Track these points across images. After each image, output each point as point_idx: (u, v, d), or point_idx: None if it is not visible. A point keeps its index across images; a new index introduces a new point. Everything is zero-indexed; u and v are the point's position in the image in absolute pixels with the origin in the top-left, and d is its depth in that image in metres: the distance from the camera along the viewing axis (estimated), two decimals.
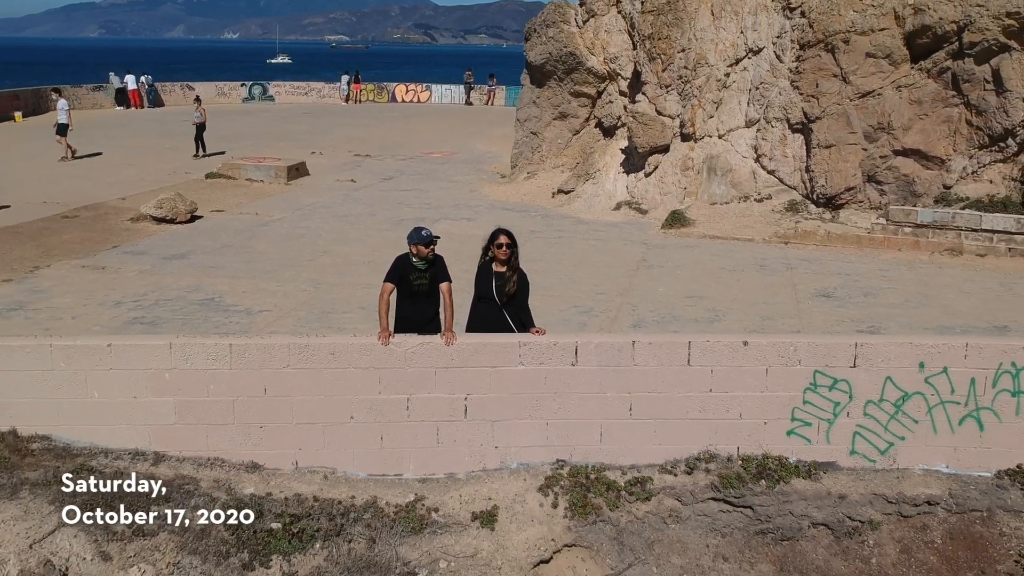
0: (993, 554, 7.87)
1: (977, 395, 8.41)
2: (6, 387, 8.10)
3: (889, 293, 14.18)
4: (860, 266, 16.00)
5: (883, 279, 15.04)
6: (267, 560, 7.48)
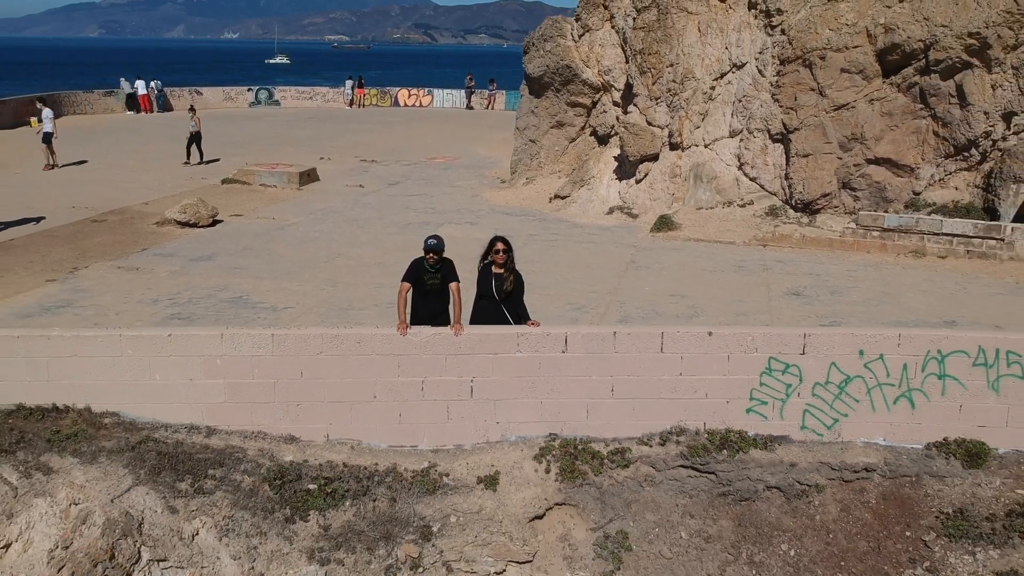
0: (918, 511, 9.30)
1: (909, 378, 9.83)
2: (82, 371, 9.55)
3: (854, 292, 15.61)
4: (830, 267, 17.43)
5: (850, 279, 16.47)
6: (306, 515, 8.92)
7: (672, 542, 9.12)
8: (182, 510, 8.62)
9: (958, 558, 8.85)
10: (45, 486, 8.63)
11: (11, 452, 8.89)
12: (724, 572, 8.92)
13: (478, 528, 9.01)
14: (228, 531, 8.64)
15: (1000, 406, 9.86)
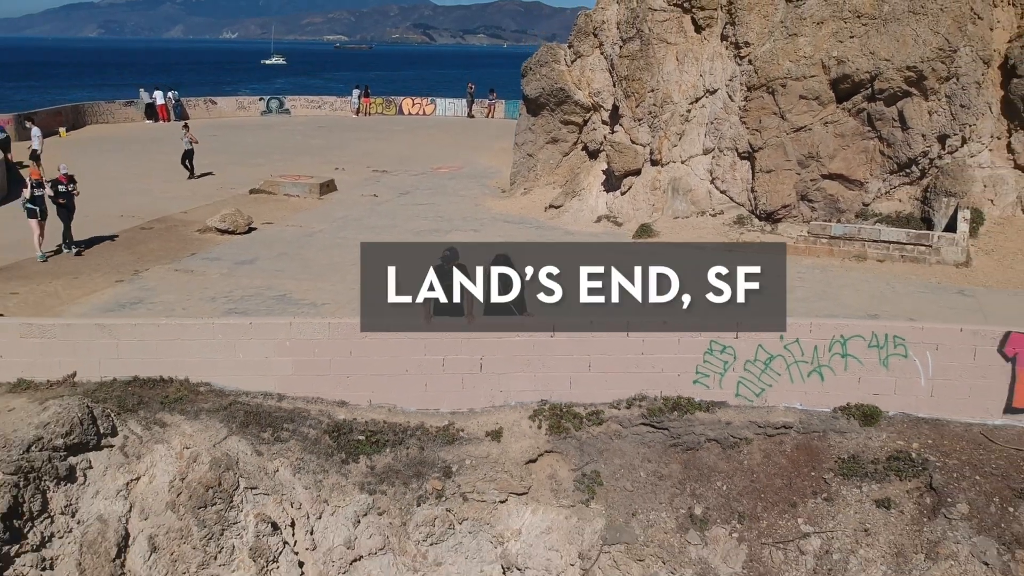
0: (822, 457, 12.20)
1: (819, 357, 12.75)
2: (182, 350, 12.46)
3: (799, 290, 18.48)
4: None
5: (798, 279, 19.33)
6: (356, 458, 11.83)
7: (633, 479, 12.02)
8: (265, 453, 11.53)
9: (848, 491, 11.76)
10: (162, 435, 11.54)
11: (134, 411, 11.80)
12: (672, 501, 11.82)
13: (486, 469, 11.91)
14: (300, 469, 11.56)
15: (889, 378, 12.78)
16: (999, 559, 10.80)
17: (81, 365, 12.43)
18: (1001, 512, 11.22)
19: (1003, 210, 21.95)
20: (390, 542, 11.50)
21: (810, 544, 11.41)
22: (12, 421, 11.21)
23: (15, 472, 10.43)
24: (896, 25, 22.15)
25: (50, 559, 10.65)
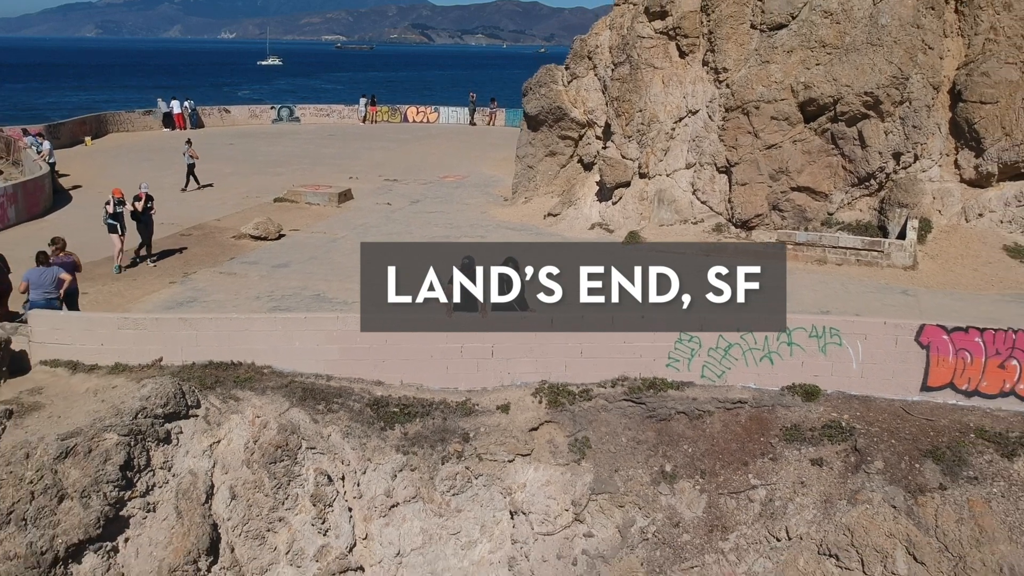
0: (770, 426, 15.00)
1: (769, 345, 15.55)
2: (249, 339, 15.26)
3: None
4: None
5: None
6: (392, 426, 14.63)
7: (616, 444, 14.83)
8: (320, 421, 14.34)
9: (790, 452, 14.57)
10: (236, 407, 14.36)
11: (213, 388, 14.61)
12: (647, 461, 14.63)
13: (497, 435, 14.71)
14: (348, 434, 14.37)
15: (827, 363, 15.59)
16: (904, 503, 13.62)
17: (167, 351, 15.24)
18: (909, 468, 14.05)
19: (949, 219, 24.77)
20: (420, 492, 14.31)
21: (757, 494, 14.23)
22: (119, 395, 14.02)
23: (127, 434, 13.24)
24: (856, 55, 24.96)
25: (153, 503, 13.46)
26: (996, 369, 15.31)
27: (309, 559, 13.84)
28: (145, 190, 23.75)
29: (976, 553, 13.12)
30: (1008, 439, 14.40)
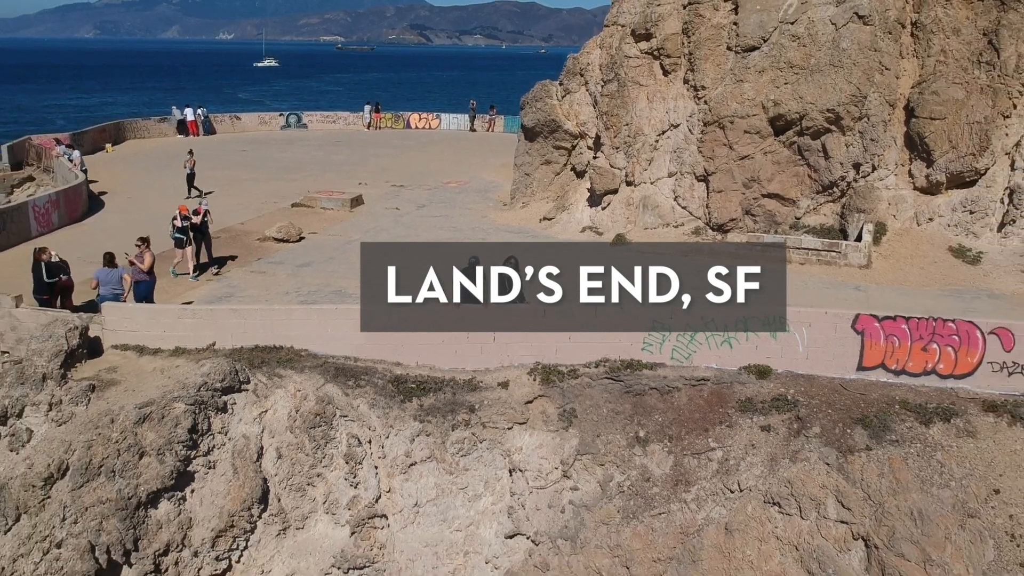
0: (728, 399, 17.80)
1: (729, 332, 18.37)
2: (290, 326, 18.08)
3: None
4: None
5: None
6: (410, 399, 17.43)
7: (598, 414, 17.64)
8: (350, 394, 17.16)
9: (743, 420, 17.37)
10: (280, 383, 17.17)
11: (259, 367, 17.43)
12: (624, 428, 17.43)
13: (498, 407, 17.53)
14: (374, 405, 17.18)
15: (777, 347, 18.40)
16: (836, 461, 16.44)
17: (219, 337, 18.06)
18: (842, 432, 16.87)
19: (902, 223, 27.57)
20: (434, 453, 17.12)
21: (715, 454, 17.04)
22: (183, 372, 16.84)
23: (192, 403, 16.05)
24: (820, 75, 27.80)
25: (213, 461, 16.27)
26: (920, 352, 18.14)
27: (342, 508, 16.67)
28: (205, 207, 26.17)
29: (893, 500, 15.96)
30: (927, 409, 17.22)
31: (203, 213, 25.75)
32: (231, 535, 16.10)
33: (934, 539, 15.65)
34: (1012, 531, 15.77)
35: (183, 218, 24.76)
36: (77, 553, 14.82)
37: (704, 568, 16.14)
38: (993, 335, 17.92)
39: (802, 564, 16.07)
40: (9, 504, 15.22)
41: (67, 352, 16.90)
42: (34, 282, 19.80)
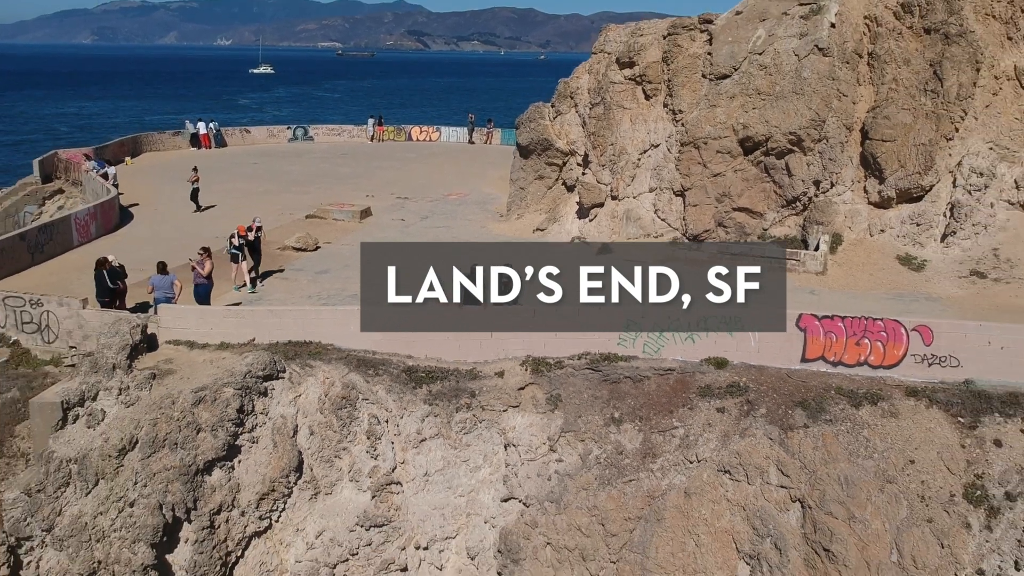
0: (690, 386, 20.98)
1: (692, 329, 21.55)
2: (319, 324, 21.26)
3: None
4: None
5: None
6: (420, 386, 20.61)
7: (580, 399, 20.82)
8: (371, 381, 20.35)
9: (702, 403, 20.55)
10: (311, 372, 20.35)
11: (293, 359, 20.62)
12: (602, 410, 20.61)
13: (495, 392, 20.70)
14: (390, 390, 20.38)
15: (733, 342, 21.58)
16: (778, 436, 19.63)
17: (258, 333, 21.25)
18: (784, 413, 20.06)
19: (857, 234, 30.78)
20: (441, 431, 20.30)
21: (678, 432, 20.23)
22: (229, 363, 20.03)
23: (239, 388, 19.23)
24: (783, 101, 31.04)
25: (256, 437, 19.45)
26: (854, 346, 21.36)
27: (364, 476, 19.86)
28: (258, 223, 28.85)
29: (824, 469, 19.17)
30: (857, 394, 20.42)
31: (255, 229, 28.16)
32: (272, 498, 19.29)
33: (857, 500, 18.86)
34: (923, 493, 18.98)
35: (240, 236, 27.11)
36: (148, 511, 18.00)
37: (667, 525, 19.33)
38: (915, 332, 21.14)
39: (748, 522, 19.27)
40: (89, 471, 18.39)
41: (131, 346, 20.07)
42: (97, 287, 22.90)
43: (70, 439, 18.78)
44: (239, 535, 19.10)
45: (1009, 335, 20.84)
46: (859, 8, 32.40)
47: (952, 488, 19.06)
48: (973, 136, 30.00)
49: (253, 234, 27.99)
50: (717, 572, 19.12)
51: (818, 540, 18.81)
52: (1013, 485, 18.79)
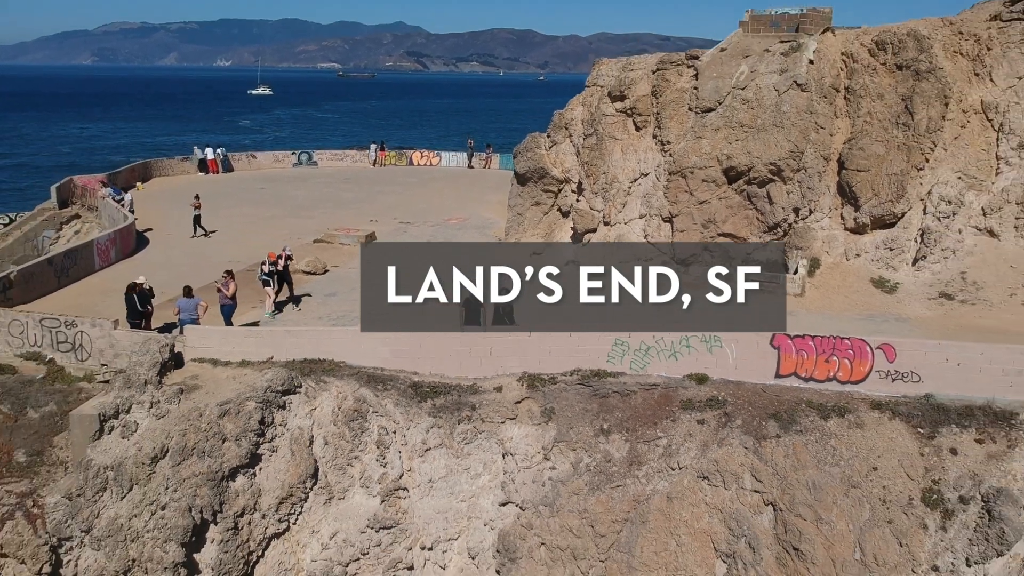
0: (674, 400, 22.85)
1: (675, 347, 23.44)
2: (331, 343, 23.15)
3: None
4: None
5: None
6: (425, 400, 22.48)
7: (572, 412, 22.68)
8: (380, 395, 22.21)
9: (684, 415, 22.42)
10: (325, 387, 22.22)
11: (308, 375, 22.49)
12: (592, 422, 22.46)
13: (494, 406, 22.56)
14: (398, 404, 22.23)
15: (713, 359, 23.48)
16: (753, 445, 21.49)
17: (276, 352, 23.14)
18: (758, 424, 21.93)
19: (834, 258, 32.72)
20: (444, 441, 22.15)
21: (661, 442, 22.09)
22: (251, 379, 21.90)
23: (260, 402, 21.10)
24: (764, 134, 33.04)
25: (276, 446, 21.30)
26: (824, 363, 23.26)
27: (374, 482, 21.69)
28: (288, 252, 30.47)
29: (794, 475, 21.02)
30: (826, 407, 22.30)
31: (284, 258, 29.56)
32: (290, 502, 21.12)
33: (824, 504, 20.70)
34: (884, 497, 20.83)
35: (271, 263, 28.52)
36: (178, 513, 19.83)
37: (651, 527, 21.16)
38: (880, 350, 23.06)
39: (725, 524, 21.11)
40: (124, 477, 20.23)
41: (161, 363, 21.95)
42: (128, 309, 24.76)
43: (106, 448, 20.62)
44: (260, 536, 20.92)
45: (965, 353, 22.75)
46: (836, 45, 34.50)
47: (911, 492, 20.90)
48: (942, 166, 31.98)
49: (282, 262, 29.20)
50: (697, 570, 20.93)
51: (788, 540, 20.63)
52: (966, 489, 20.63)
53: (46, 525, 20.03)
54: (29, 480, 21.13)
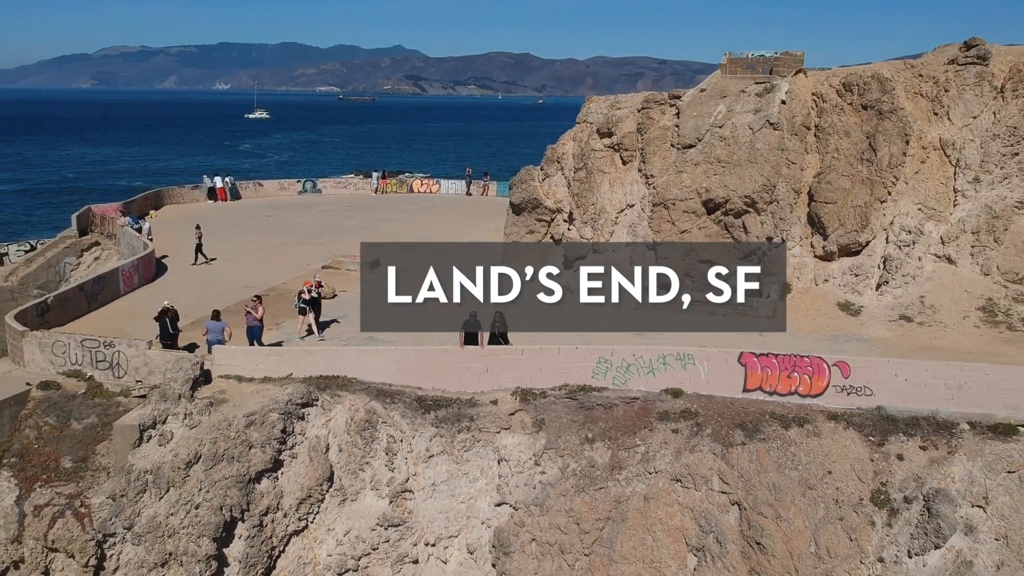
0: (651, 412, 25.47)
1: (652, 364, 26.10)
2: (343, 361, 25.81)
3: (667, 332, 31.82)
4: (660, 315, 33.69)
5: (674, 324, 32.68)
6: (429, 412, 25.12)
7: (560, 423, 25.30)
8: (388, 408, 24.85)
9: (660, 425, 25.05)
10: (339, 401, 24.87)
11: (324, 390, 25.14)
12: (578, 432, 25.08)
13: (491, 417, 25.19)
14: (404, 415, 24.87)
15: (686, 375, 26.13)
16: (721, 451, 24.11)
17: (295, 369, 25.79)
18: (726, 432, 24.57)
19: (804, 284, 35.43)
20: (446, 449, 24.76)
21: (639, 449, 24.71)
22: (273, 393, 24.55)
23: (283, 413, 23.74)
24: (740, 169, 35.86)
25: (295, 453, 23.92)
26: (786, 378, 25.93)
27: (383, 485, 24.30)
28: (318, 280, 32.75)
29: (757, 477, 23.65)
30: (787, 418, 24.95)
31: (316, 286, 31.43)
32: (309, 503, 23.72)
33: (783, 503, 23.32)
34: (837, 498, 23.45)
35: (308, 291, 30.31)
36: (211, 511, 22.42)
37: (630, 524, 23.76)
38: (836, 366, 25.75)
39: (696, 521, 23.72)
40: (162, 480, 22.82)
41: (193, 379, 24.59)
42: (160, 331, 27.41)
43: (146, 455, 23.22)
44: (282, 532, 23.50)
45: (912, 369, 25.46)
46: (808, 86, 37.41)
47: (861, 493, 23.53)
48: (904, 199, 34.78)
49: (315, 290, 30.91)
50: (670, 562, 23.52)
51: (751, 535, 23.23)
52: (910, 491, 23.26)
53: (93, 523, 22.59)
54: (75, 484, 23.71)
